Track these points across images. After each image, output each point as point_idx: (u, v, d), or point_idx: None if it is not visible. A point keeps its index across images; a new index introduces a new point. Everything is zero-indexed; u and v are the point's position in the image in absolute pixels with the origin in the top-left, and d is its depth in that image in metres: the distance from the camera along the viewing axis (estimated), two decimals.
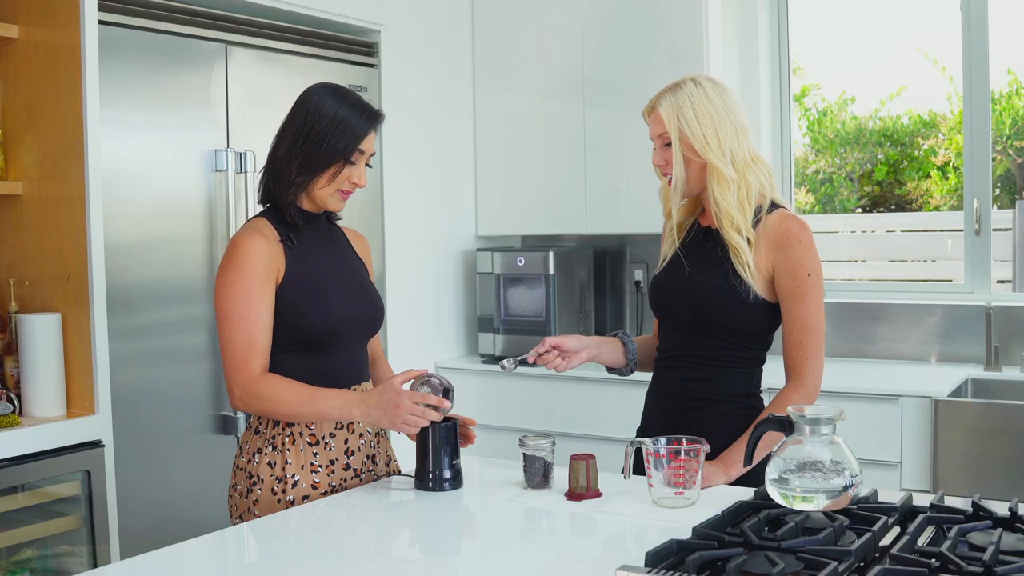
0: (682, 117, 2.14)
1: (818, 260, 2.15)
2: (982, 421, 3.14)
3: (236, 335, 2.03)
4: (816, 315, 2.13)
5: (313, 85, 2.17)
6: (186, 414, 3.09)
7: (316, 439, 2.11)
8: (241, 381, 2.03)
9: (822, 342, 2.15)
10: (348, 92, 2.15)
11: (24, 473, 2.55)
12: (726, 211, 2.13)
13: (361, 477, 2.17)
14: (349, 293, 2.18)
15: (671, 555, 1.49)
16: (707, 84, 2.18)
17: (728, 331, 2.18)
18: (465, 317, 4.33)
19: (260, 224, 2.12)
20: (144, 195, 2.99)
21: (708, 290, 2.17)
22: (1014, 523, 1.60)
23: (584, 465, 1.99)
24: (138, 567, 1.71)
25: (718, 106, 2.15)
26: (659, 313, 2.32)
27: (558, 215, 4.16)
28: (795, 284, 2.12)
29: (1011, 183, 4.09)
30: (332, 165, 2.08)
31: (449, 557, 1.80)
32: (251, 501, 2.09)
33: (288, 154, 2.09)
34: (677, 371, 2.25)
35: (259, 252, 2.06)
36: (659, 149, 2.21)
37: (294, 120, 2.11)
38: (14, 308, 2.78)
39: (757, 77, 4.11)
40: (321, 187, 2.11)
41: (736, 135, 2.16)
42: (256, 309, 2.04)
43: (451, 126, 4.24)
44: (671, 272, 2.27)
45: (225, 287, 2.05)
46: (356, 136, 2.09)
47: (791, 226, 2.14)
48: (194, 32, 3.12)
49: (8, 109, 2.86)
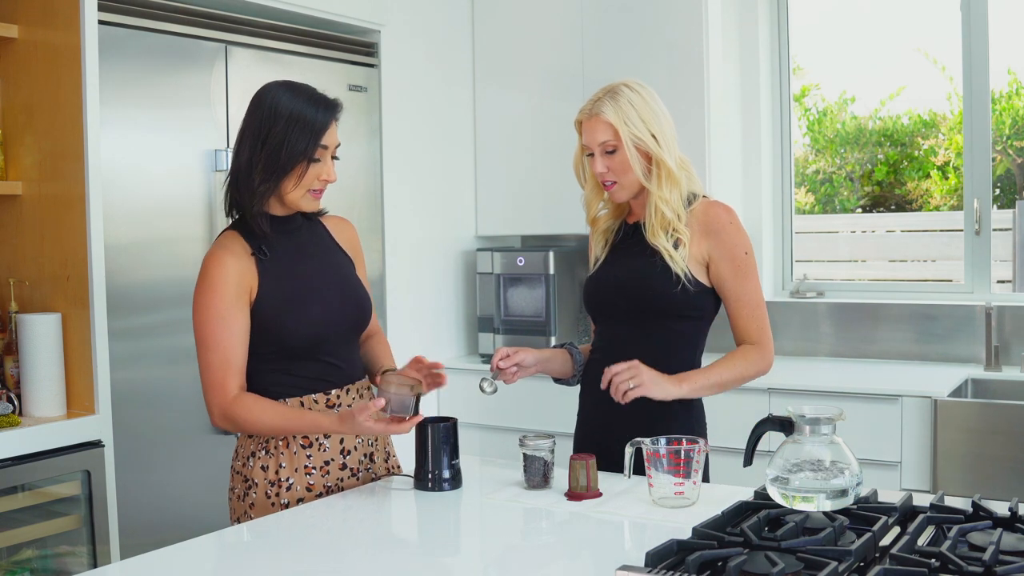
0: (629, 121, 2.16)
1: (748, 239, 2.22)
2: (982, 421, 3.14)
3: (211, 357, 2.02)
4: (759, 290, 2.22)
5: (266, 84, 2.09)
6: (186, 414, 3.09)
7: (310, 441, 2.10)
8: (219, 402, 2.02)
9: (767, 315, 2.23)
10: (302, 86, 2.08)
11: (24, 473, 2.55)
12: (670, 207, 2.16)
13: (359, 476, 2.16)
14: (331, 298, 2.13)
15: (671, 555, 1.50)
16: (640, 88, 2.22)
17: (664, 312, 2.18)
18: (465, 317, 4.33)
19: (229, 240, 2.07)
20: (144, 195, 2.99)
21: (640, 274, 2.20)
22: (1014, 523, 1.60)
23: (584, 465, 1.99)
24: (138, 567, 1.71)
25: (655, 108, 2.20)
26: (594, 310, 2.33)
27: (558, 215, 4.15)
28: (736, 264, 2.17)
29: (1011, 183, 4.08)
30: (296, 166, 2.02)
31: (449, 557, 1.80)
32: (247, 504, 2.08)
33: (249, 161, 2.02)
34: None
35: (228, 272, 2.02)
36: (600, 157, 2.19)
37: (251, 124, 2.04)
38: (14, 308, 2.78)
39: (757, 77, 4.11)
40: (290, 191, 2.04)
41: (672, 135, 2.21)
42: (229, 330, 2.02)
43: (451, 126, 4.24)
44: (604, 270, 2.30)
45: (198, 310, 2.05)
46: (316, 132, 2.02)
47: (718, 211, 2.20)
48: (194, 32, 3.12)
49: (8, 109, 2.86)
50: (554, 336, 4.05)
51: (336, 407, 2.12)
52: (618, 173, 2.18)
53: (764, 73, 4.14)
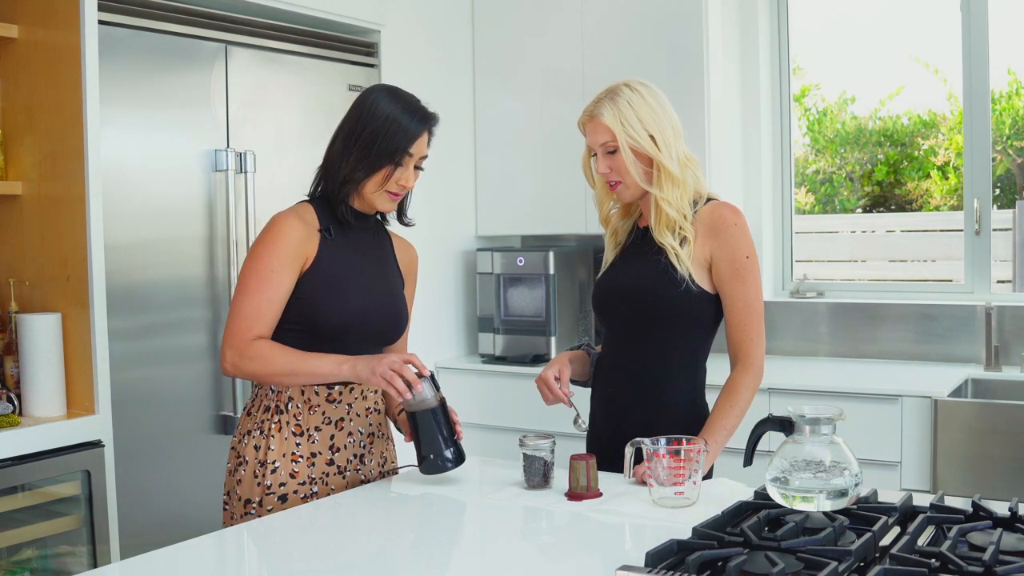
0: (627, 123, 2.16)
1: (753, 243, 2.20)
2: (982, 421, 3.14)
3: (245, 304, 2.07)
4: (757, 296, 2.18)
5: (373, 85, 2.20)
6: (186, 414, 3.09)
7: (301, 430, 2.12)
8: (236, 344, 2.06)
9: (763, 323, 2.20)
10: (404, 94, 2.17)
11: (24, 473, 2.55)
12: (673, 207, 2.15)
13: (345, 475, 2.17)
14: (372, 298, 2.19)
15: (671, 555, 1.50)
16: (642, 88, 2.21)
17: (665, 319, 2.18)
18: (465, 317, 4.33)
19: (303, 209, 2.16)
20: (144, 195, 2.99)
21: (644, 280, 2.19)
22: (1014, 523, 1.60)
23: (584, 465, 1.99)
24: (138, 567, 1.71)
25: (656, 108, 2.19)
26: (601, 313, 2.34)
27: (558, 215, 4.15)
28: (735, 267, 2.16)
29: (1011, 183, 4.09)
30: (384, 167, 2.11)
31: (449, 557, 1.80)
32: (235, 480, 2.13)
33: (341, 152, 2.13)
34: (624, 374, 2.24)
35: (292, 234, 2.09)
36: (602, 157, 2.21)
37: (350, 119, 2.15)
38: (14, 308, 2.78)
39: (757, 77, 4.11)
40: (371, 190, 2.13)
41: (675, 135, 2.19)
42: (272, 286, 2.07)
43: (451, 126, 4.23)
44: (611, 274, 2.31)
45: (250, 259, 2.10)
46: (408, 138, 2.11)
47: (724, 212, 2.18)
48: (194, 32, 3.12)
49: (8, 109, 2.86)
50: (554, 336, 4.05)
51: (335, 403, 2.16)
52: (620, 173, 2.19)
53: (764, 73, 4.14)
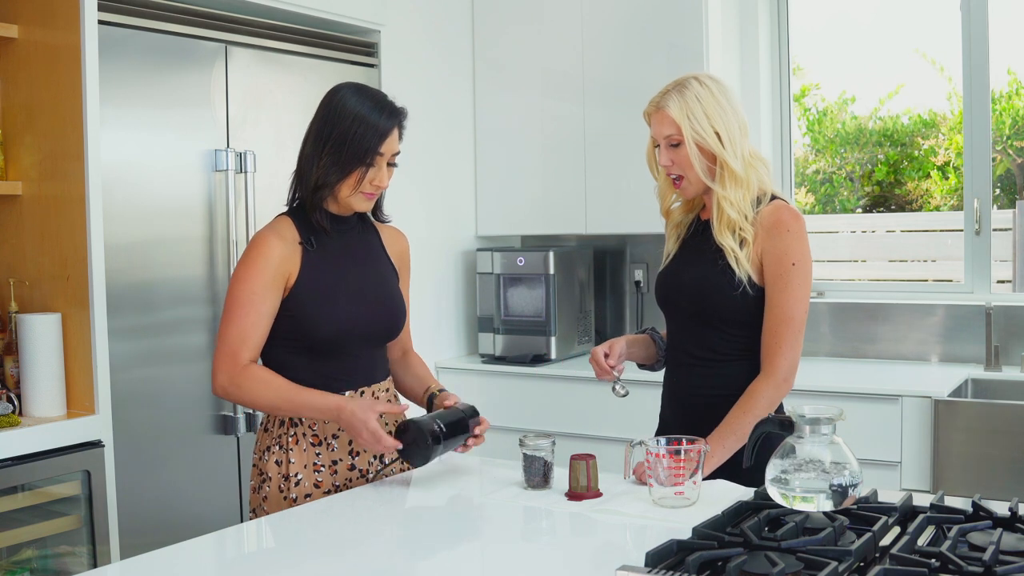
0: (693, 117, 2.14)
1: (807, 252, 2.16)
2: (982, 421, 3.14)
3: (232, 328, 2.06)
4: (796, 305, 2.13)
5: (338, 84, 2.16)
6: (186, 414, 3.09)
7: (319, 439, 2.12)
8: (227, 369, 2.05)
9: (800, 334, 2.15)
10: (371, 90, 2.15)
11: (24, 473, 2.55)
12: (735, 207, 2.14)
13: (368, 477, 2.17)
14: (364, 301, 2.17)
15: (671, 555, 1.49)
16: (711, 83, 2.18)
17: (725, 321, 2.18)
18: (465, 317, 4.33)
19: (282, 224, 2.13)
20: (144, 195, 2.99)
21: (702, 280, 2.19)
22: (1014, 523, 1.60)
23: (584, 465, 1.99)
24: (138, 567, 1.71)
25: (724, 105, 2.16)
26: (664, 308, 2.34)
27: (558, 215, 4.16)
28: (779, 271, 2.13)
29: (1011, 183, 4.08)
30: (356, 169, 2.07)
31: (449, 557, 1.79)
32: (261, 497, 2.12)
33: (311, 156, 2.09)
34: (686, 368, 2.26)
35: (271, 254, 2.07)
36: (665, 150, 2.19)
37: (317, 120, 2.12)
38: (14, 308, 2.78)
39: (757, 77, 4.11)
40: (346, 193, 2.10)
41: (741, 133, 2.17)
42: (256, 309, 2.05)
43: (451, 126, 4.24)
44: (672, 267, 2.30)
45: (233, 283, 2.09)
46: (378, 136, 2.08)
47: (783, 215, 2.16)
48: (194, 32, 3.12)
49: (8, 109, 2.86)
50: (554, 336, 4.04)
51: None
52: (683, 167, 2.17)
53: (764, 73, 4.14)
